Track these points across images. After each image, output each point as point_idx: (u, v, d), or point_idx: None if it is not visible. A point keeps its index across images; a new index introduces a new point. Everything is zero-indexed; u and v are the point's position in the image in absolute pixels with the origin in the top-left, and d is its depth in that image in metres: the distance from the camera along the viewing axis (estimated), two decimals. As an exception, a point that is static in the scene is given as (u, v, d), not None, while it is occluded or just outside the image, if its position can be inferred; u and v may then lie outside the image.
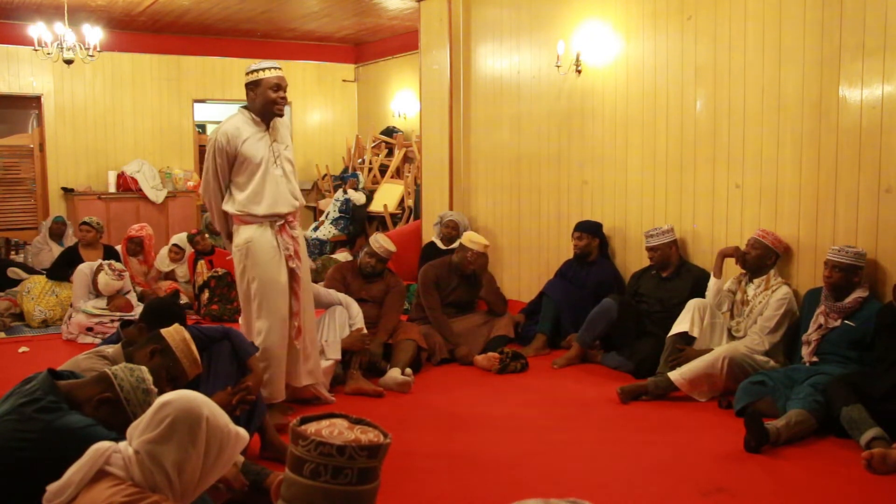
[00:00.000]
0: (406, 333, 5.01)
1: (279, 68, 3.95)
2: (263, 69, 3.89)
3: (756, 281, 4.57)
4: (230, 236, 4.09)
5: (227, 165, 3.92)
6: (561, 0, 6.10)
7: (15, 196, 10.01)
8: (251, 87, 3.92)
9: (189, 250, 7.30)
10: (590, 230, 5.62)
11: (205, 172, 4.02)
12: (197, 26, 9.88)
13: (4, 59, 9.50)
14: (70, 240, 8.14)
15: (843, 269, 4.02)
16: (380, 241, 5.19)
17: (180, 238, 7.37)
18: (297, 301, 4.02)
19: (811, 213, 4.50)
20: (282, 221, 3.97)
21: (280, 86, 3.89)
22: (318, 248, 9.04)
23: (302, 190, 4.20)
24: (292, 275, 3.99)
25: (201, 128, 11.98)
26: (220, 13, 9.11)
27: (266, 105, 3.90)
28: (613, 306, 5.04)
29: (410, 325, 5.22)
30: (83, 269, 6.23)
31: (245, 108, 3.98)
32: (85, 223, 7.00)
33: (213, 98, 10.86)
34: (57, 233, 8.36)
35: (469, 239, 5.50)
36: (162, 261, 7.29)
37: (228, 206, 3.96)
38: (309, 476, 1.64)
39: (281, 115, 3.97)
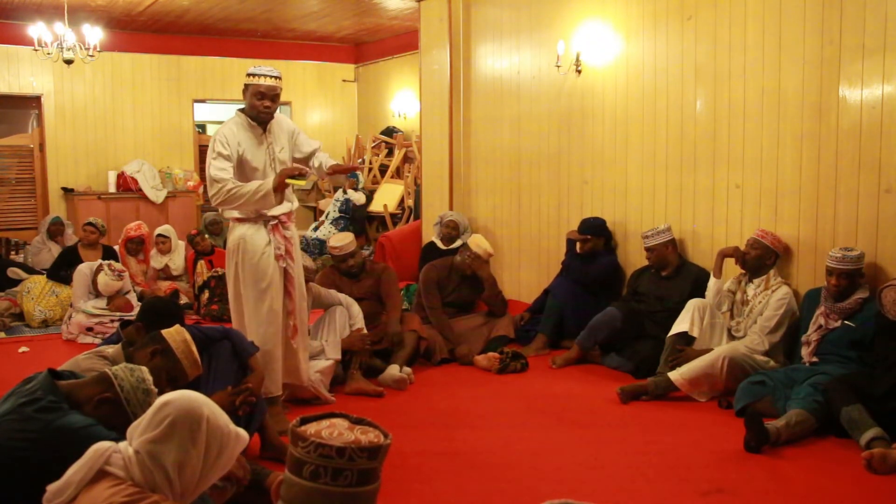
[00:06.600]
0: (407, 325, 5.05)
1: (275, 76, 3.92)
2: (256, 75, 3.89)
3: (756, 281, 4.57)
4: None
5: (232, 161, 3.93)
6: (561, 0, 6.09)
7: (15, 196, 10.01)
8: (244, 89, 3.97)
9: (175, 240, 7.29)
10: (595, 230, 5.60)
11: (213, 161, 3.86)
12: (197, 26, 9.88)
13: (4, 59, 9.50)
14: (70, 240, 8.13)
15: (849, 275, 4.02)
16: (337, 242, 5.15)
17: (164, 228, 7.31)
18: (290, 300, 4.05)
19: (811, 213, 4.50)
20: (275, 221, 4.01)
21: (265, 95, 3.88)
22: (319, 248, 9.03)
23: (302, 190, 4.21)
24: (284, 274, 4.03)
25: (201, 128, 11.97)
26: (220, 13, 9.10)
27: (252, 109, 3.94)
28: (618, 316, 5.01)
29: (411, 315, 5.26)
30: (83, 270, 6.23)
31: (241, 110, 4.03)
32: (89, 224, 7.00)
33: (213, 98, 10.86)
34: (55, 233, 8.35)
35: (475, 242, 5.53)
36: (155, 257, 7.28)
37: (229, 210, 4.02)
38: (308, 477, 1.64)
39: (268, 120, 3.99)
